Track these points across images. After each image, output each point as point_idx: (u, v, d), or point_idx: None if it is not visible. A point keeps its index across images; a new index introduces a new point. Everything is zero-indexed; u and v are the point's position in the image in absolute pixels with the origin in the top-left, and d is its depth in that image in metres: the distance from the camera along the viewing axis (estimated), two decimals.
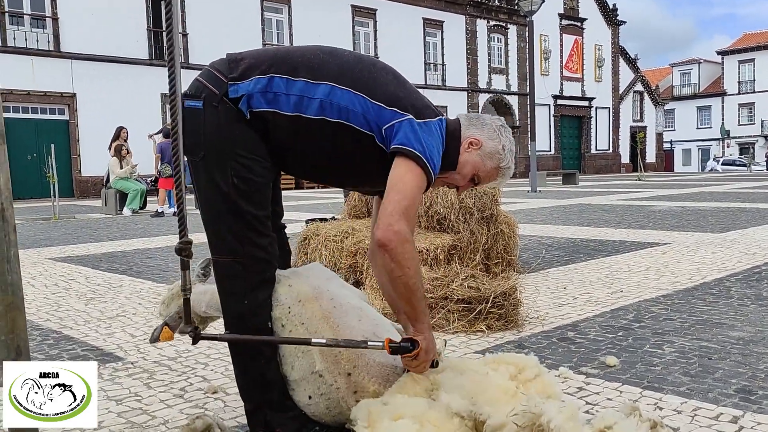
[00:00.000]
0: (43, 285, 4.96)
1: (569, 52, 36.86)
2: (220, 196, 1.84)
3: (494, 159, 2.03)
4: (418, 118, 1.88)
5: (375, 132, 1.88)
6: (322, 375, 1.89)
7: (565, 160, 36.41)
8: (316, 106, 1.85)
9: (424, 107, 1.94)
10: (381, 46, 27.73)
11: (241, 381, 1.97)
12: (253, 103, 1.84)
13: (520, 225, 5.00)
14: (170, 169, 12.49)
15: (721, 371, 2.60)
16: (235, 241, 1.84)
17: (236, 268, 1.87)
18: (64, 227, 10.23)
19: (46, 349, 3.20)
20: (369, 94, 1.87)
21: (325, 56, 1.93)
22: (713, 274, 4.72)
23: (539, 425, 1.49)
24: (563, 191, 18.05)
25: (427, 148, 1.85)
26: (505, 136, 2.06)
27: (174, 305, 2.22)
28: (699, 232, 7.38)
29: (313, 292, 1.98)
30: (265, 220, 1.90)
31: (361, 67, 1.93)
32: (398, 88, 1.94)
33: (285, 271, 2.04)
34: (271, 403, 1.93)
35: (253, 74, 1.85)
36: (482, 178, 2.06)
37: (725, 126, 54.10)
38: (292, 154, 1.94)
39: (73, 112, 20.80)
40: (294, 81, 1.85)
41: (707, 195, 14.44)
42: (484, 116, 2.11)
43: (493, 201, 4.67)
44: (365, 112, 1.86)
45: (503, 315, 3.38)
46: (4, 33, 19.27)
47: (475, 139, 2.02)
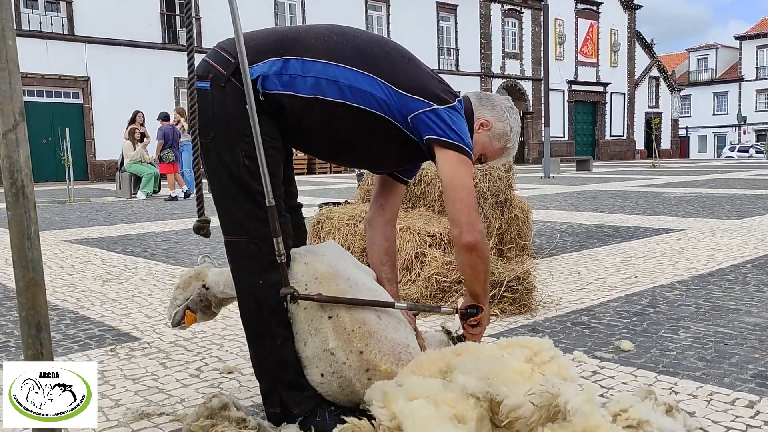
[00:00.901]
0: (59, 266, 5.01)
1: (584, 36, 36.48)
2: (231, 178, 1.83)
3: (502, 140, 2.07)
4: (442, 104, 1.89)
5: (399, 120, 1.88)
6: (335, 353, 1.89)
7: (579, 146, 36.15)
8: (335, 90, 1.83)
9: (444, 91, 1.94)
10: (394, 31, 27.56)
11: (257, 361, 1.98)
12: (268, 85, 1.82)
13: (533, 210, 4.98)
14: (173, 154, 12.46)
15: (737, 356, 2.58)
16: (248, 220, 1.84)
17: (250, 248, 1.87)
18: (80, 210, 10.31)
19: (63, 328, 3.24)
20: (390, 80, 1.86)
21: (338, 38, 1.90)
22: (729, 261, 4.68)
23: (556, 406, 1.49)
24: (577, 177, 17.94)
25: (463, 134, 1.88)
26: (513, 117, 2.08)
27: (191, 289, 2.22)
28: (714, 218, 7.31)
29: (330, 270, 1.97)
30: (277, 199, 1.89)
31: (377, 50, 1.91)
32: (417, 72, 1.93)
33: (301, 249, 2.04)
34: (286, 383, 1.93)
35: (267, 56, 1.83)
36: (488, 158, 2.10)
37: (742, 112, 53.43)
38: (308, 135, 1.93)
39: (87, 95, 20.90)
40: (311, 62, 1.83)
41: (723, 182, 14.30)
42: (492, 96, 2.11)
43: (507, 186, 4.64)
44: (388, 99, 1.86)
45: (517, 299, 3.38)
46: (18, 16, 19.35)
47: (486, 120, 2.04)
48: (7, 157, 1.33)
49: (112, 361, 2.72)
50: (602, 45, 37.55)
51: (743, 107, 53.63)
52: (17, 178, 1.34)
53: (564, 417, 1.56)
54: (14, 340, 3.05)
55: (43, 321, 1.39)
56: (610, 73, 37.89)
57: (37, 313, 1.38)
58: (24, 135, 1.34)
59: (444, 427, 1.58)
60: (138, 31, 21.47)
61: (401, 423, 1.61)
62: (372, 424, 1.73)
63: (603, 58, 37.61)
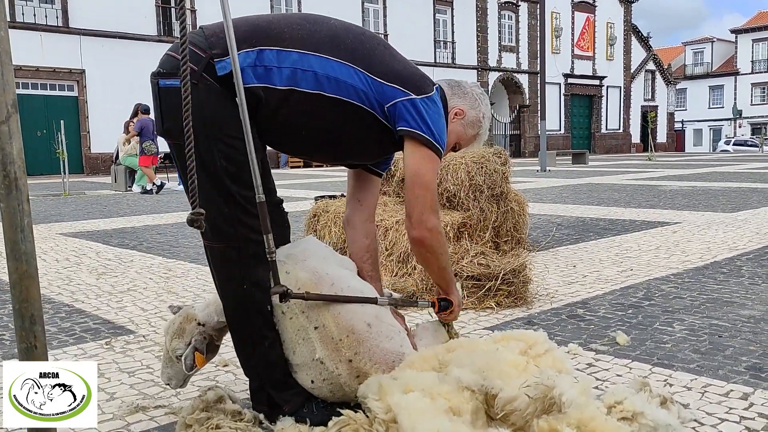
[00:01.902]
0: (54, 259, 5.00)
1: (581, 29, 36.43)
2: (207, 180, 1.74)
3: (475, 127, 2.07)
4: (419, 93, 1.85)
5: (377, 110, 1.84)
6: (323, 362, 1.87)
7: (575, 140, 36.16)
8: (311, 79, 1.77)
9: (421, 79, 1.91)
10: (390, 24, 27.48)
11: (245, 362, 1.95)
12: (243, 79, 1.69)
13: (529, 204, 4.98)
14: (155, 146, 12.31)
15: (732, 349, 2.59)
16: (227, 225, 1.77)
17: (231, 253, 1.80)
18: (75, 203, 10.28)
19: (59, 321, 3.23)
20: (367, 68, 1.81)
21: (312, 26, 1.84)
22: (724, 254, 4.69)
23: (551, 398, 1.50)
24: (573, 171, 17.96)
25: (435, 128, 1.86)
26: (484, 104, 2.08)
27: (189, 331, 2.05)
28: (710, 211, 7.33)
29: (313, 278, 1.91)
30: (254, 198, 1.80)
31: (352, 38, 1.85)
32: (393, 59, 1.89)
33: (280, 255, 1.93)
34: (274, 383, 1.91)
35: (240, 47, 1.71)
36: (462, 145, 2.10)
37: (737, 106, 53.50)
38: (283, 130, 1.85)
39: (82, 88, 20.80)
40: (286, 52, 1.75)
41: (718, 175, 14.33)
42: (462, 83, 2.10)
43: (503, 179, 4.64)
44: (365, 88, 1.81)
45: (513, 292, 3.38)
46: (12, 8, 19.22)
47: (460, 109, 2.04)
48: (0, 149, 1.32)
49: (107, 354, 2.72)
50: (599, 38, 37.51)
51: (739, 101, 53.68)
52: (10, 170, 1.33)
53: (559, 409, 1.57)
54: (9, 333, 3.05)
55: (37, 313, 1.38)
56: (606, 66, 37.87)
57: (30, 305, 1.37)
58: (17, 127, 1.33)
59: (439, 419, 1.58)
60: (133, 24, 21.35)
61: (396, 416, 1.61)
62: (367, 416, 1.73)
63: (599, 52, 37.58)
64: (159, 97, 1.79)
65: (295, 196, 10.45)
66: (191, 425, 1.83)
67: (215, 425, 1.80)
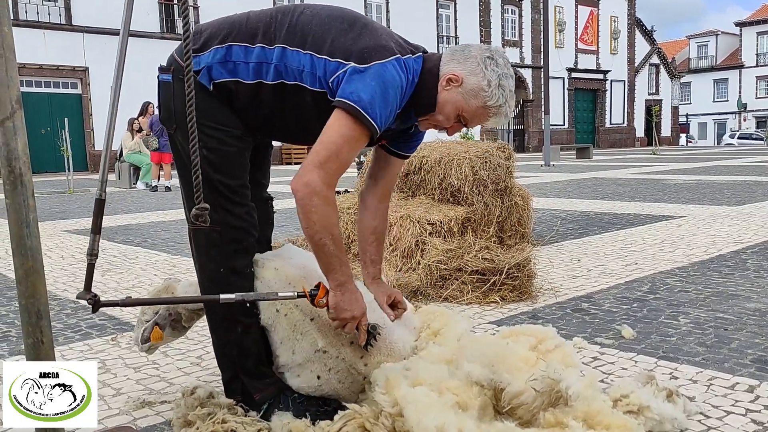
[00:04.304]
0: (59, 256, 5.01)
1: (584, 23, 36.32)
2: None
3: (478, 97, 1.81)
4: (363, 63, 1.72)
5: (326, 88, 1.79)
6: (327, 350, 1.88)
7: (579, 134, 36.08)
8: (273, 71, 1.80)
9: (375, 49, 1.74)
10: (393, 19, 27.43)
11: (219, 349, 1.97)
12: (214, 74, 1.81)
13: (533, 198, 4.98)
14: (157, 142, 12.33)
15: (737, 342, 2.58)
16: (213, 210, 1.76)
17: (212, 236, 1.84)
18: (79, 200, 10.31)
19: (65, 318, 3.24)
20: (316, 50, 1.78)
21: (282, 17, 1.85)
22: (729, 247, 4.68)
23: (557, 391, 1.50)
24: (577, 165, 17.92)
25: (367, 96, 1.69)
26: (490, 70, 1.80)
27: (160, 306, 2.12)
28: (714, 205, 7.31)
29: (302, 272, 1.94)
30: (239, 188, 1.86)
31: (314, 23, 1.82)
32: (347, 34, 1.78)
33: (266, 255, 1.99)
34: (247, 370, 1.92)
35: (212, 44, 1.82)
36: (468, 119, 1.86)
37: (742, 99, 53.29)
38: (261, 120, 1.89)
39: (85, 86, 20.84)
40: (251, 48, 1.80)
41: (723, 168, 14.28)
42: (469, 47, 1.86)
43: (507, 173, 4.64)
44: (314, 69, 1.78)
45: (517, 286, 3.38)
46: (15, 6, 19.25)
47: (454, 75, 1.80)
48: (5, 145, 1.32)
49: (113, 350, 2.73)
50: (602, 32, 37.39)
51: (743, 94, 53.49)
52: (15, 166, 1.33)
53: (566, 402, 1.57)
54: (15, 329, 3.06)
55: (43, 309, 1.38)
56: (610, 60, 37.76)
57: (36, 301, 1.38)
58: (21, 123, 1.34)
59: (445, 414, 1.58)
60: (136, 21, 21.20)
61: (403, 409, 1.62)
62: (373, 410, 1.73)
63: (603, 46, 37.46)
64: (158, 90, 1.92)
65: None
66: (193, 422, 1.81)
67: (221, 420, 1.79)
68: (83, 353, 2.70)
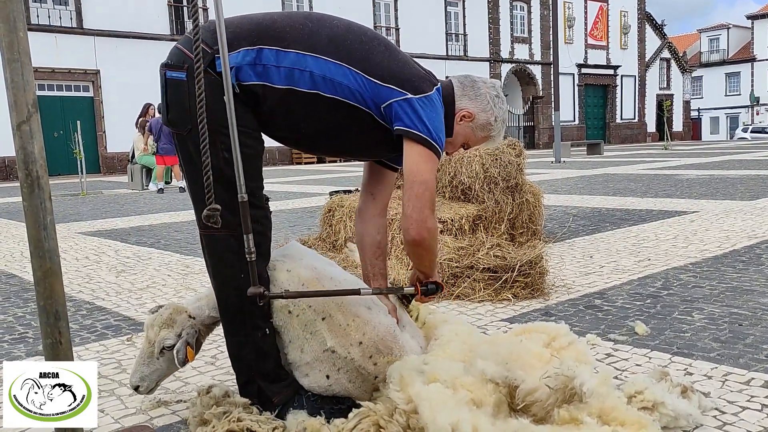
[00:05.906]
0: (74, 258, 5.06)
1: (594, 19, 36.09)
2: (211, 170, 1.71)
3: (485, 130, 2.03)
4: (417, 93, 1.83)
5: (373, 110, 1.85)
6: (336, 350, 1.89)
7: (589, 130, 35.87)
8: (308, 80, 1.80)
9: (420, 79, 1.87)
10: (402, 18, 27.40)
11: (236, 354, 1.95)
12: (242, 76, 1.78)
13: (544, 195, 4.97)
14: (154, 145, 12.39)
15: (752, 337, 2.57)
16: (230, 214, 1.76)
17: (230, 241, 1.82)
18: (93, 202, 10.38)
19: (80, 319, 3.27)
20: (364, 70, 1.82)
21: (314, 25, 1.86)
22: (743, 242, 4.65)
23: (572, 388, 1.50)
24: (588, 161, 17.84)
25: (433, 127, 1.83)
26: (498, 107, 2.02)
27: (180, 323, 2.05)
28: (728, 200, 7.26)
29: (314, 274, 1.97)
30: (257, 191, 1.86)
31: (352, 39, 1.86)
32: (392, 60, 1.87)
33: (276, 255, 2.00)
34: (264, 374, 1.92)
35: (241, 45, 1.78)
36: (471, 146, 2.09)
37: (755, 92, 52.78)
38: (285, 125, 1.89)
39: (97, 89, 20.97)
40: (284, 53, 1.79)
41: (736, 163, 14.17)
42: (478, 83, 2.02)
43: (518, 170, 4.63)
44: (361, 89, 1.82)
45: (529, 284, 3.37)
46: (27, 10, 19.40)
47: (468, 112, 1.98)
48: (22, 148, 1.34)
49: (129, 350, 2.75)
50: (612, 27, 37.14)
51: (756, 87, 52.94)
52: (32, 169, 1.35)
53: (580, 399, 1.57)
54: (32, 331, 3.09)
55: (61, 310, 1.40)
56: (620, 55, 37.50)
57: (54, 302, 1.39)
58: (38, 126, 1.36)
59: (459, 410, 1.59)
60: (146, 23, 21.47)
61: (417, 406, 1.62)
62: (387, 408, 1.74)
63: (613, 41, 37.21)
64: (165, 88, 1.84)
65: (309, 192, 10.48)
66: (209, 420, 1.82)
67: (237, 418, 1.80)
68: (99, 354, 2.73)
